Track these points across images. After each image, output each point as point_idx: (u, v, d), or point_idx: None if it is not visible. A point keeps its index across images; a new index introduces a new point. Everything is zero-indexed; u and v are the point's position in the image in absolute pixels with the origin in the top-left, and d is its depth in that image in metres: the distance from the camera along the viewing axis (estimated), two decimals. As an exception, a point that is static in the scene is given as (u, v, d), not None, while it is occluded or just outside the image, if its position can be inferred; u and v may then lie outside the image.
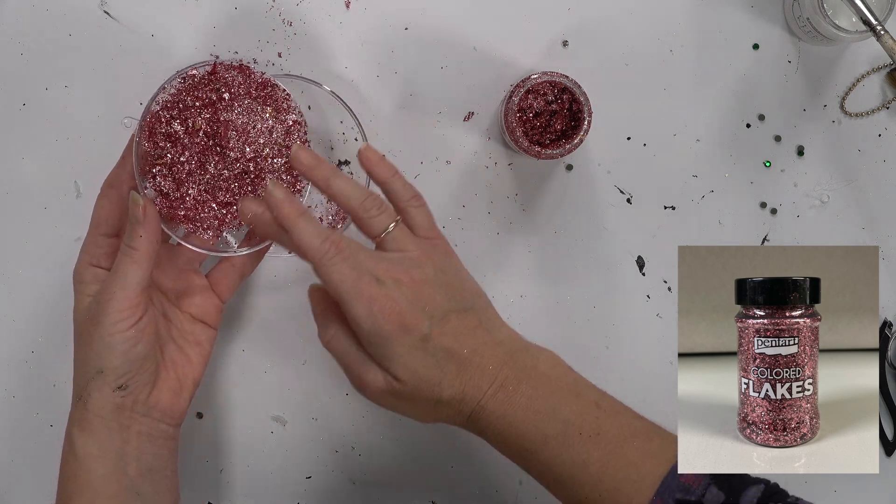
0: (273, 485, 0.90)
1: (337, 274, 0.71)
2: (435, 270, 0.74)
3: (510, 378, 0.73)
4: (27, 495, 0.89)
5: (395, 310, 0.71)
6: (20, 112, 0.88)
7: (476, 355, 0.73)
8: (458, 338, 0.73)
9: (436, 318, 0.72)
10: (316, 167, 0.76)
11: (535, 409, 0.72)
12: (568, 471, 0.72)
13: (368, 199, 0.75)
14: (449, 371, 0.72)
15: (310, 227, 0.73)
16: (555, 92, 0.85)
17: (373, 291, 0.71)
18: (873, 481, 0.91)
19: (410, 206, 0.77)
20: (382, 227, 0.75)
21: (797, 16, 0.88)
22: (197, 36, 0.88)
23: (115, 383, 0.75)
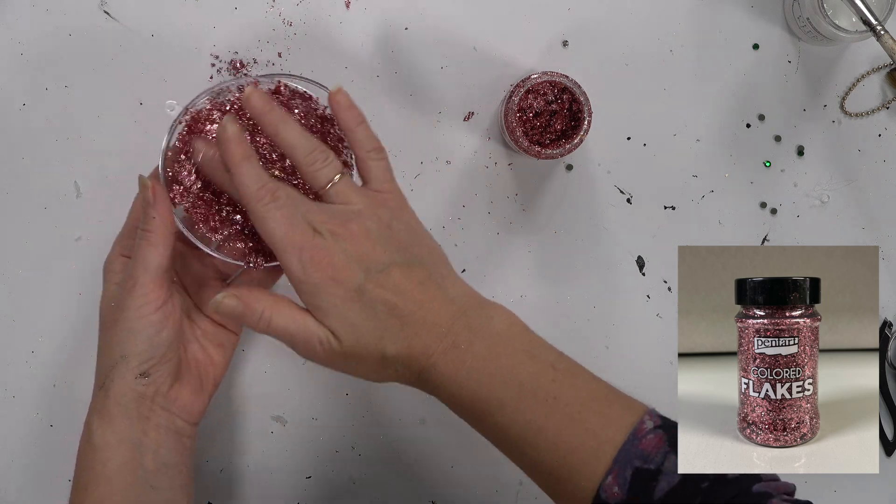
0: (273, 485, 0.90)
1: (270, 220, 0.70)
2: (378, 224, 0.72)
3: (462, 337, 0.71)
4: (27, 495, 0.89)
5: (325, 260, 0.70)
6: (20, 112, 0.88)
7: (422, 310, 0.71)
8: (400, 292, 0.71)
9: (372, 271, 0.71)
10: (267, 112, 0.74)
11: (489, 372, 0.70)
12: (524, 435, 0.70)
13: (315, 151, 0.73)
14: (391, 326, 0.70)
15: (251, 170, 0.71)
16: (555, 92, 0.85)
17: (305, 240, 0.70)
18: (873, 481, 0.91)
19: (370, 157, 0.75)
20: (326, 179, 0.73)
21: (797, 16, 0.88)
22: (197, 36, 0.88)
23: (137, 369, 0.75)
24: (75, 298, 0.89)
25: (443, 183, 0.90)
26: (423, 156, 0.90)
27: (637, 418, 0.70)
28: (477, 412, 0.71)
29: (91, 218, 0.88)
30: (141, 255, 0.75)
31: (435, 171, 0.90)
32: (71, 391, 0.89)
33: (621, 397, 0.72)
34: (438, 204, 0.90)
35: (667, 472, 0.67)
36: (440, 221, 0.90)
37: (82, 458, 0.76)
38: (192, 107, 0.78)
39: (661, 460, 0.68)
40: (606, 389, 0.72)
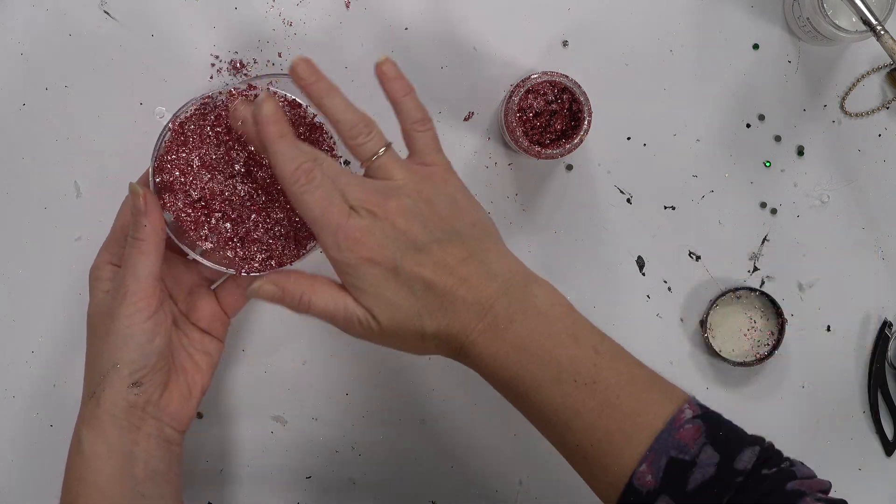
0: (273, 485, 0.90)
1: (307, 201, 0.70)
2: (418, 200, 0.71)
3: (502, 316, 0.70)
4: (27, 495, 0.89)
5: (361, 240, 0.69)
6: (20, 112, 0.88)
7: (463, 287, 0.70)
8: (438, 269, 0.70)
9: (410, 250, 0.70)
10: (315, 82, 0.74)
11: (529, 352, 0.70)
12: (561, 417, 0.70)
13: (359, 124, 0.73)
14: (429, 304, 0.70)
15: (287, 149, 0.71)
16: (555, 92, 0.85)
17: (341, 220, 0.70)
18: (873, 481, 0.91)
19: (415, 129, 0.75)
20: (370, 152, 0.73)
21: (797, 16, 0.88)
22: (197, 36, 0.88)
23: (129, 378, 0.75)
24: (75, 298, 0.89)
25: (443, 183, 0.90)
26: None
27: (676, 406, 0.69)
28: (515, 391, 0.71)
29: (91, 218, 0.88)
30: (132, 264, 0.75)
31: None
32: (71, 391, 0.89)
33: (662, 383, 0.71)
34: (438, 204, 0.90)
35: (702, 465, 0.67)
36: (440, 221, 0.90)
37: (72, 467, 0.76)
38: (180, 114, 0.78)
39: (697, 452, 0.67)
40: (648, 374, 0.71)
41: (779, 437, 0.91)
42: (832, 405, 0.92)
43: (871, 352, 0.91)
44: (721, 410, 0.91)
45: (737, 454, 0.68)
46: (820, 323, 0.91)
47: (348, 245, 0.70)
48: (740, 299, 0.90)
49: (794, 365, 0.91)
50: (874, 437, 0.92)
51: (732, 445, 0.68)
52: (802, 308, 0.91)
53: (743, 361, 0.89)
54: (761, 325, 0.90)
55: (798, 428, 0.91)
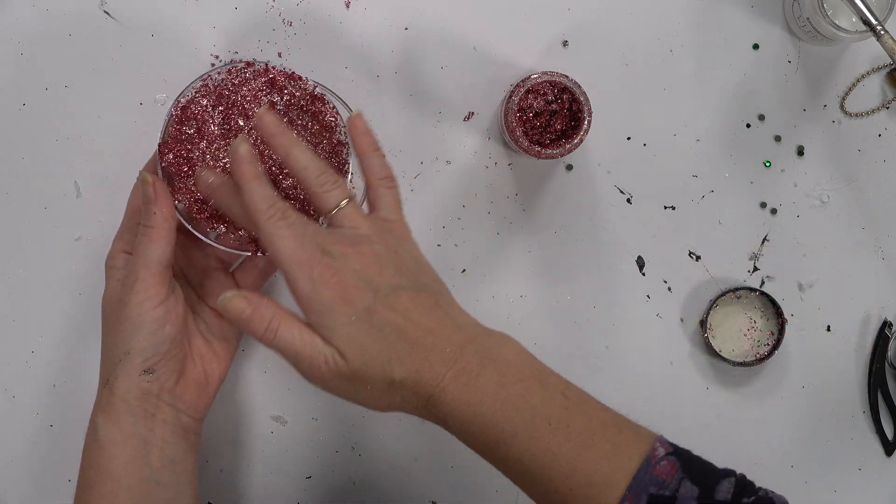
0: (273, 485, 0.90)
1: (279, 238, 0.70)
2: (386, 249, 0.72)
3: (472, 363, 0.70)
4: (27, 495, 0.89)
5: (336, 278, 0.69)
6: (20, 112, 0.88)
7: (431, 336, 0.71)
8: (408, 316, 0.70)
9: (382, 293, 0.70)
10: (279, 134, 0.74)
11: (501, 398, 0.70)
12: (537, 463, 0.69)
13: (324, 174, 0.73)
14: (399, 348, 0.70)
15: (262, 189, 0.72)
16: (555, 92, 0.85)
17: (315, 259, 0.70)
18: (873, 481, 0.91)
19: (382, 185, 0.75)
20: (335, 202, 0.73)
21: (797, 16, 0.88)
22: (197, 36, 0.88)
23: (142, 366, 0.75)
24: (75, 298, 0.89)
25: (443, 183, 0.90)
26: (423, 156, 0.90)
27: (648, 445, 0.70)
28: (489, 440, 0.71)
29: (91, 218, 0.88)
30: (142, 251, 0.75)
31: (435, 171, 0.90)
32: (71, 391, 0.89)
33: (631, 425, 0.72)
34: (438, 204, 0.90)
35: (682, 499, 0.68)
36: (440, 221, 0.90)
37: (88, 455, 0.76)
38: (181, 97, 0.79)
39: (677, 486, 0.68)
40: (616, 417, 0.72)
41: (779, 436, 0.92)
42: (832, 405, 0.92)
43: (871, 352, 0.91)
44: (721, 410, 0.91)
45: (715, 486, 0.68)
46: (820, 323, 0.91)
47: (322, 280, 0.69)
48: (740, 299, 0.90)
49: (794, 365, 0.91)
50: (874, 437, 0.92)
51: (709, 478, 0.69)
52: (802, 308, 0.91)
53: (743, 361, 0.89)
54: (761, 325, 0.90)
55: (798, 428, 0.91)
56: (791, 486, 0.91)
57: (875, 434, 0.91)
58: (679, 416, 0.91)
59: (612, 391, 0.90)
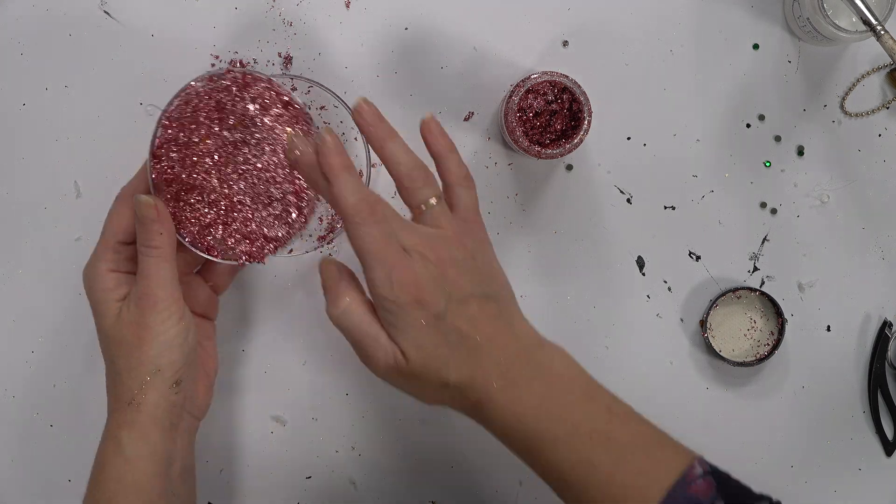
0: (273, 485, 0.90)
1: (365, 234, 0.70)
2: (464, 253, 0.73)
3: (523, 374, 0.72)
4: (27, 495, 0.89)
5: (414, 281, 0.70)
6: (20, 112, 0.88)
7: (489, 344, 0.72)
8: (474, 323, 0.72)
9: (454, 300, 0.71)
10: (377, 125, 0.74)
11: (546, 409, 0.72)
12: (575, 472, 0.71)
13: (417, 169, 0.74)
14: (459, 354, 0.71)
15: (351, 181, 0.71)
16: (555, 92, 0.85)
17: (396, 259, 0.70)
18: (873, 481, 0.91)
19: (459, 185, 0.76)
20: (423, 198, 0.74)
21: (797, 16, 0.88)
22: (197, 36, 0.88)
23: (171, 379, 0.76)
24: (75, 298, 0.88)
25: (443, 183, 0.90)
26: (424, 156, 0.89)
27: (687, 463, 0.71)
28: (530, 447, 0.72)
29: (91, 218, 0.88)
30: (154, 272, 0.76)
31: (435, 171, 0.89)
32: (71, 391, 0.89)
33: (672, 442, 0.73)
34: (438, 204, 0.90)
35: None
36: (440, 221, 0.90)
37: (108, 469, 0.76)
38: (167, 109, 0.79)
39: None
40: (659, 433, 0.73)
41: (779, 436, 0.92)
42: (832, 405, 0.92)
43: (871, 352, 0.91)
44: (721, 410, 0.91)
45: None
46: (820, 323, 0.91)
47: (401, 284, 0.70)
48: (740, 299, 0.90)
49: (794, 365, 0.91)
50: (874, 437, 0.92)
51: (744, 500, 0.70)
52: (802, 308, 0.91)
53: (743, 361, 0.89)
54: (761, 325, 0.90)
55: (798, 428, 0.91)
56: (791, 486, 0.92)
57: (875, 434, 0.91)
58: (679, 416, 0.91)
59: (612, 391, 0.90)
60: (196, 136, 0.80)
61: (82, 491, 0.77)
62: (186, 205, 0.80)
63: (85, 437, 0.88)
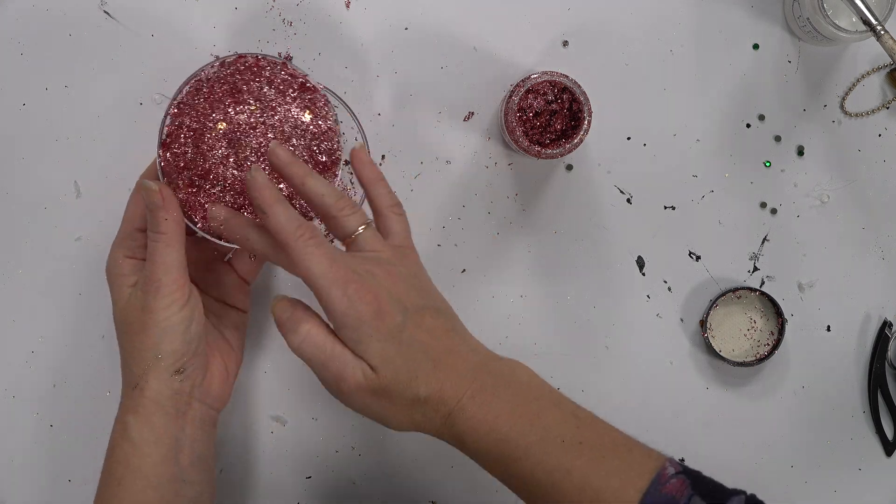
0: (273, 485, 0.90)
1: (312, 257, 0.71)
2: (407, 271, 0.74)
3: (488, 384, 0.72)
4: (27, 495, 0.89)
5: (371, 294, 0.70)
6: (20, 112, 0.88)
7: (451, 356, 0.73)
8: (433, 335, 0.72)
9: (410, 312, 0.72)
10: (291, 164, 0.75)
11: (518, 415, 0.72)
12: (550, 479, 0.71)
13: (342, 199, 0.75)
14: (425, 366, 0.71)
15: (287, 211, 0.73)
16: (555, 92, 0.85)
17: (348, 275, 0.71)
18: (873, 481, 0.91)
19: (391, 212, 0.77)
20: (354, 227, 0.74)
21: (797, 16, 0.88)
22: (197, 36, 0.88)
23: (173, 367, 0.76)
24: (75, 298, 0.89)
25: (443, 183, 0.90)
26: (423, 156, 0.90)
27: (659, 464, 0.71)
28: (505, 456, 0.72)
29: (91, 218, 0.88)
30: (160, 257, 0.76)
31: (435, 171, 0.90)
32: (71, 391, 0.89)
33: (641, 445, 0.73)
34: (438, 204, 0.90)
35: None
36: (440, 221, 0.90)
37: (117, 452, 0.77)
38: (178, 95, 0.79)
39: (686, 502, 0.69)
40: (626, 438, 0.73)
41: (779, 436, 0.92)
42: (832, 405, 0.92)
43: (871, 352, 0.91)
44: (721, 410, 0.91)
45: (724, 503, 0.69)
46: (820, 323, 0.91)
47: (359, 296, 0.70)
48: (740, 299, 0.90)
49: (794, 365, 0.91)
50: (874, 437, 0.92)
51: (719, 496, 0.70)
52: (802, 308, 0.91)
53: (743, 361, 0.89)
54: (761, 325, 0.90)
55: (798, 428, 0.91)
56: (791, 486, 0.92)
57: (875, 434, 0.91)
58: (679, 416, 0.91)
59: (612, 391, 0.90)
60: (210, 120, 0.79)
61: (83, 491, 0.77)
62: (201, 190, 0.79)
63: (84, 437, 0.88)
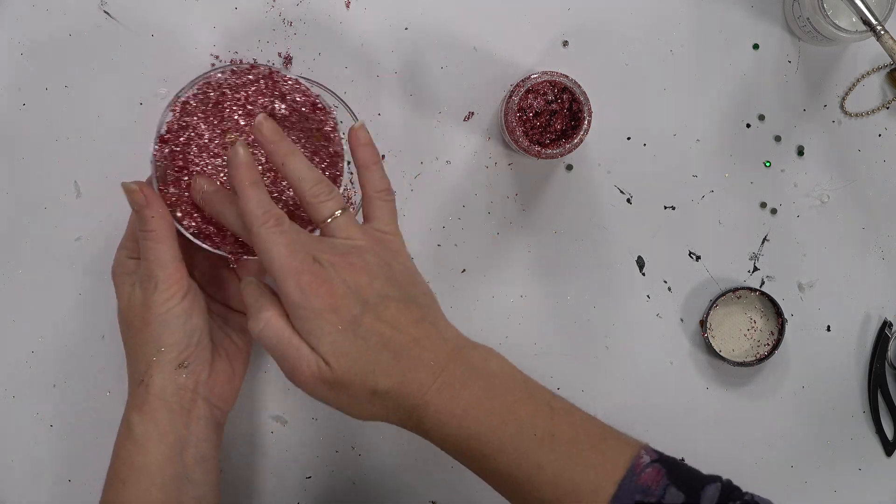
0: (273, 485, 0.90)
1: (271, 244, 0.71)
2: (378, 260, 0.73)
3: (457, 375, 0.71)
4: (27, 495, 0.89)
5: (324, 287, 0.70)
6: (20, 112, 0.88)
7: (417, 347, 0.71)
8: (395, 326, 0.71)
9: (370, 304, 0.71)
10: (277, 142, 0.75)
11: (486, 410, 0.70)
12: (523, 472, 0.70)
13: (319, 184, 0.74)
14: (383, 359, 0.70)
15: (258, 195, 0.72)
16: (555, 92, 0.85)
17: (305, 266, 0.70)
18: (873, 481, 0.91)
19: (379, 197, 0.76)
20: (329, 212, 0.74)
21: (797, 16, 0.88)
22: (197, 36, 0.88)
23: (176, 360, 0.76)
24: (75, 298, 0.89)
25: (443, 183, 0.90)
26: (423, 156, 0.90)
27: (634, 453, 0.70)
28: (474, 452, 0.71)
29: (91, 218, 0.88)
30: (152, 254, 0.76)
31: (435, 171, 0.90)
32: (71, 391, 0.89)
33: (616, 434, 0.72)
34: (438, 204, 0.90)
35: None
36: (440, 221, 0.90)
37: (121, 451, 0.77)
38: (182, 93, 0.79)
39: (662, 493, 0.68)
40: (601, 426, 0.72)
41: (779, 436, 0.92)
42: (832, 405, 0.92)
43: (871, 352, 0.91)
44: (721, 410, 0.91)
45: (700, 491, 0.69)
46: (820, 323, 0.91)
47: (312, 291, 0.70)
48: (740, 299, 0.90)
49: (794, 365, 0.91)
50: (874, 437, 0.92)
51: (695, 484, 0.69)
52: (802, 308, 0.91)
53: (743, 361, 0.89)
54: (761, 325, 0.90)
55: (798, 428, 0.91)
56: (791, 486, 0.92)
57: (875, 434, 0.91)
58: (679, 416, 0.91)
59: (612, 391, 0.90)
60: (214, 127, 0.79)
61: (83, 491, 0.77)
62: None
63: (84, 437, 0.88)
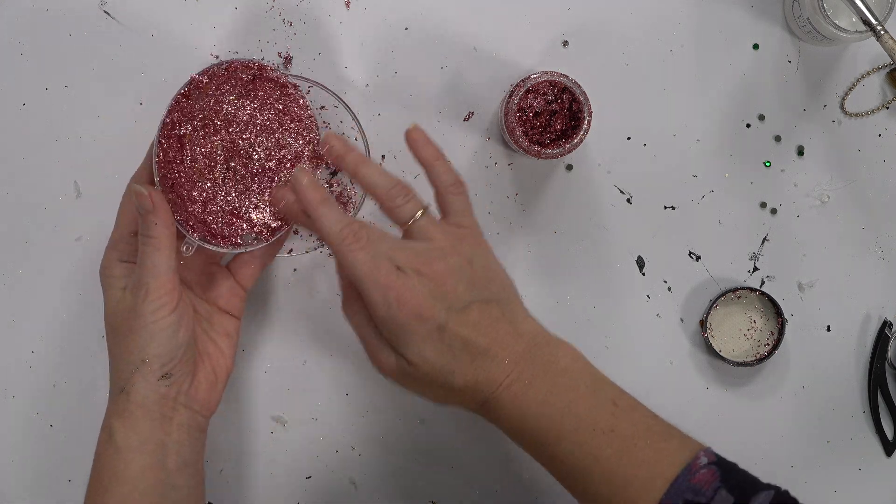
0: (273, 485, 0.90)
1: (354, 260, 0.72)
2: (460, 261, 0.74)
3: (526, 372, 0.73)
4: (27, 495, 0.89)
5: (411, 299, 0.71)
6: (20, 112, 0.88)
7: (494, 346, 0.73)
8: (477, 328, 0.73)
9: (454, 309, 0.72)
10: (346, 154, 0.77)
11: (550, 404, 0.73)
12: (580, 464, 0.72)
13: (395, 188, 0.75)
14: (463, 360, 0.72)
15: (330, 213, 0.74)
16: (555, 92, 0.85)
17: (389, 280, 0.71)
18: (873, 481, 0.91)
19: (449, 192, 0.77)
20: (409, 215, 0.75)
21: (797, 16, 0.88)
22: (197, 36, 0.88)
23: (159, 372, 0.76)
24: (75, 298, 0.89)
25: (443, 183, 0.90)
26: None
27: (692, 454, 0.72)
28: (536, 442, 0.74)
29: (91, 218, 0.88)
30: (149, 262, 0.76)
31: (435, 171, 0.90)
32: (71, 391, 0.89)
33: (679, 433, 0.74)
34: (438, 204, 0.90)
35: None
36: (440, 221, 0.90)
37: (103, 458, 0.77)
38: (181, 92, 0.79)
39: (712, 495, 0.69)
40: (665, 425, 0.74)
41: (779, 436, 0.92)
42: (832, 405, 0.92)
43: (871, 352, 0.91)
44: (721, 410, 0.91)
45: (751, 496, 0.69)
46: (820, 323, 0.91)
47: (399, 304, 0.71)
48: (740, 299, 0.90)
49: (794, 365, 0.91)
50: (874, 437, 0.92)
51: (747, 489, 0.70)
52: (802, 308, 0.91)
53: (743, 361, 0.89)
54: (761, 325, 0.90)
55: (798, 428, 0.91)
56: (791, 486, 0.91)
57: (875, 434, 0.91)
58: (679, 416, 0.90)
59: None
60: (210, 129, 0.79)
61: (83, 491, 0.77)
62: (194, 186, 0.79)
63: (85, 437, 0.88)
